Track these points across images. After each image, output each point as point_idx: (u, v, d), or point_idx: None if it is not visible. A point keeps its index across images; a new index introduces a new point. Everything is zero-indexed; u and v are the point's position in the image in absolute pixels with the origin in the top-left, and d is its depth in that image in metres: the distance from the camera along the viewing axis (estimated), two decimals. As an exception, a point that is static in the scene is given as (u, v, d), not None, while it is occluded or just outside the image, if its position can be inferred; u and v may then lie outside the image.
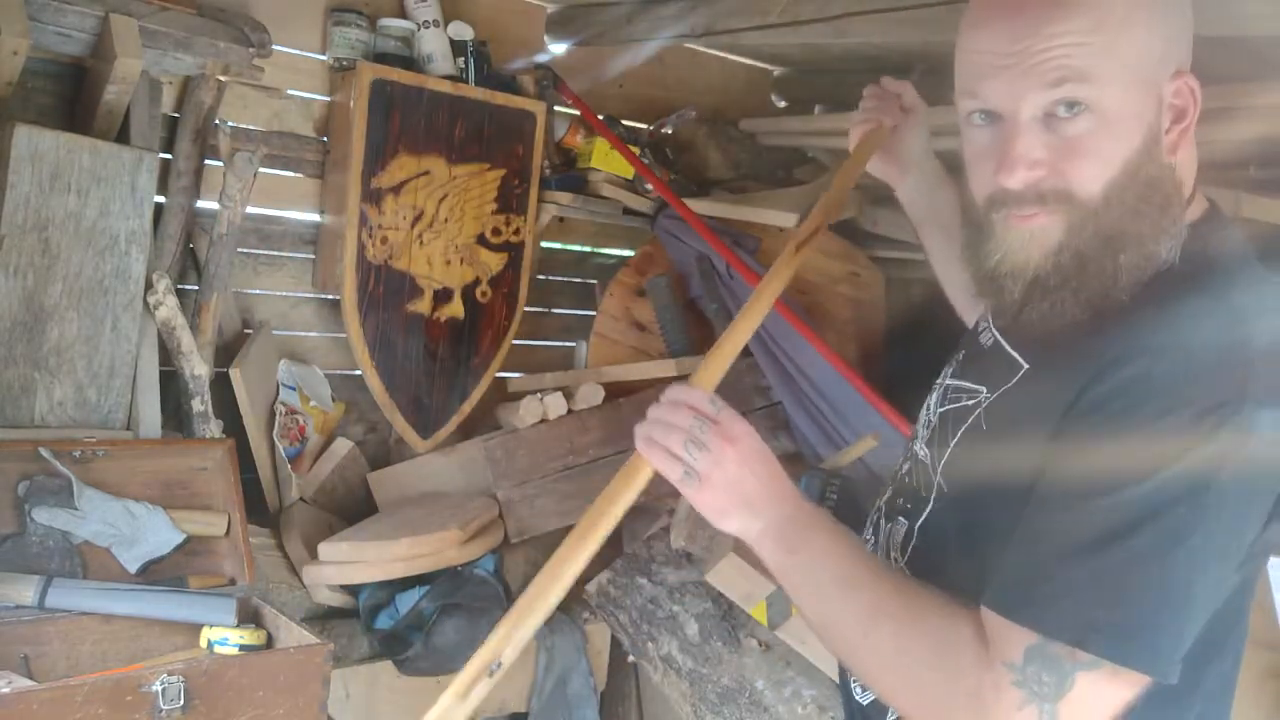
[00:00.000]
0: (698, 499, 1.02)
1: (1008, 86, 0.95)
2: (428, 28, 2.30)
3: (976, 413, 1.03)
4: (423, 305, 2.35)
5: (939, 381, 1.19)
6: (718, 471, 1.00)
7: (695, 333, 2.54)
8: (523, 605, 1.03)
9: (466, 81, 2.34)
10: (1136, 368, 0.88)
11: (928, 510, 1.08)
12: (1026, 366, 1.01)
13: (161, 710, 1.50)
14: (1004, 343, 1.06)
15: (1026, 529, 0.91)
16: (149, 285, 1.95)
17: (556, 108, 2.59)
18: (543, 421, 2.30)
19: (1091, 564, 0.85)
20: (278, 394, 2.22)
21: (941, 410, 1.12)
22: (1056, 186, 0.94)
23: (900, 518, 1.13)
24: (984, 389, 1.05)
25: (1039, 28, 0.92)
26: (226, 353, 2.15)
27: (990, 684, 0.87)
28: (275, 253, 2.30)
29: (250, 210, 2.11)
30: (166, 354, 2.01)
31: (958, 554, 1.02)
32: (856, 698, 1.17)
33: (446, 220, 2.35)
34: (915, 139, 1.43)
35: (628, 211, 2.64)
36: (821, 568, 1.00)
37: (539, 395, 2.30)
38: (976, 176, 1.01)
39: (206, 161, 2.11)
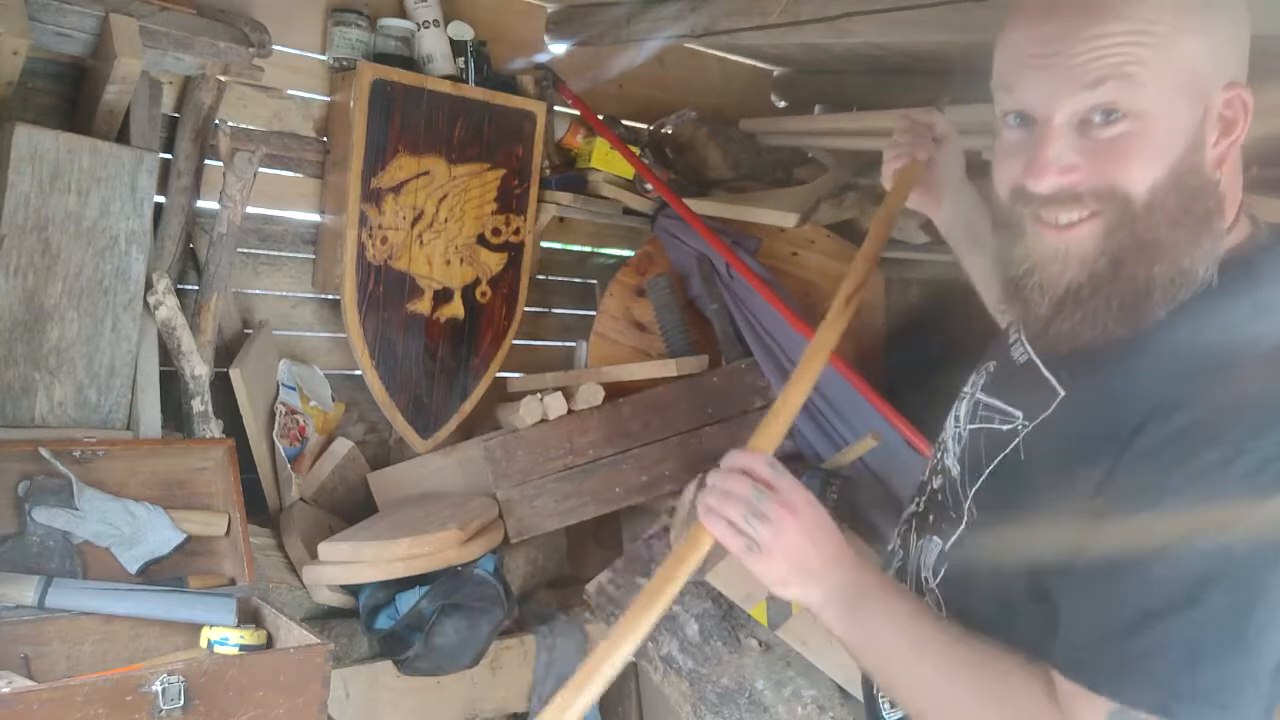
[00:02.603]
0: (758, 568, 1.02)
1: (1045, 85, 0.91)
2: (428, 28, 2.30)
3: (1014, 442, 1.00)
4: (423, 305, 2.35)
5: (967, 390, 1.15)
6: (779, 542, 1.00)
7: (695, 333, 2.54)
8: (582, 674, 1.02)
9: (466, 81, 2.34)
10: (1191, 412, 0.85)
11: (958, 533, 1.06)
12: (1064, 393, 0.98)
13: (161, 710, 1.50)
14: (1038, 361, 1.03)
15: (1091, 585, 0.89)
16: (149, 285, 1.95)
17: (556, 108, 2.59)
18: (543, 421, 2.30)
19: (1166, 626, 0.83)
20: (278, 394, 2.22)
21: (973, 427, 1.09)
22: (1096, 186, 0.91)
23: (932, 536, 1.10)
24: (1020, 414, 1.02)
25: (1084, 26, 0.89)
26: (226, 353, 2.15)
27: None
28: (275, 253, 2.30)
29: (250, 210, 2.11)
30: (166, 354, 2.01)
31: (988, 586, 1.01)
32: (884, 714, 1.16)
33: (446, 220, 2.35)
34: (950, 167, 1.39)
35: (628, 211, 2.64)
36: (887, 634, 1.00)
37: (539, 395, 2.30)
38: (1003, 170, 0.98)
39: (206, 161, 2.11)
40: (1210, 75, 0.91)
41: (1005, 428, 1.03)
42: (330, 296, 2.34)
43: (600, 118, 2.55)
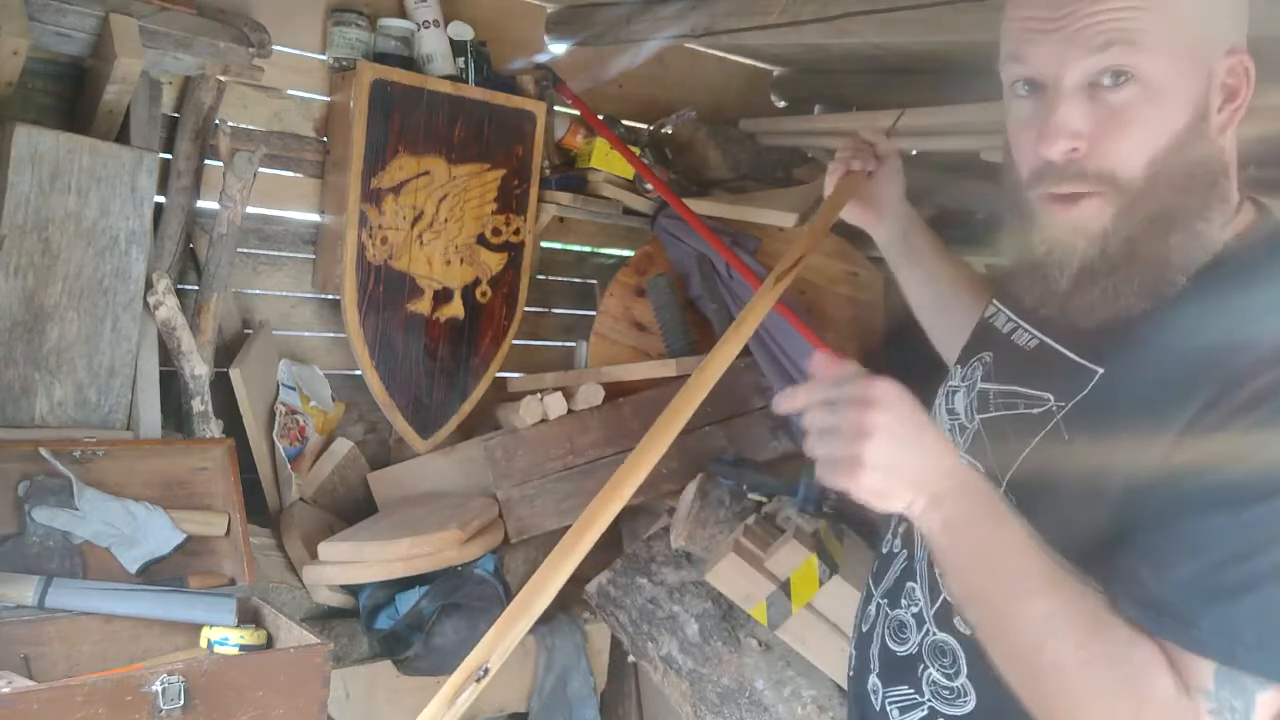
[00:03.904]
0: (851, 488, 0.91)
1: (1054, 50, 0.93)
2: (428, 28, 2.30)
3: (1053, 422, 0.98)
4: (423, 305, 2.35)
5: (955, 384, 1.15)
6: (868, 454, 0.89)
7: (695, 333, 2.54)
8: (509, 614, 1.03)
9: (466, 82, 2.34)
10: (1269, 375, 0.84)
11: None
12: (1101, 371, 0.97)
13: (161, 710, 1.50)
14: (1053, 343, 1.03)
15: (1177, 541, 0.86)
16: (149, 285, 1.95)
17: (556, 108, 2.59)
18: (543, 421, 2.30)
19: (1263, 581, 0.82)
20: (278, 394, 2.22)
21: (986, 416, 1.07)
22: (1100, 166, 0.93)
23: None
24: (1049, 395, 1.00)
25: None
26: (226, 353, 2.15)
27: (1190, 713, 0.84)
28: (275, 253, 2.31)
29: (250, 210, 2.12)
30: (166, 354, 2.02)
31: None
32: (869, 692, 1.15)
33: (446, 220, 2.35)
34: (889, 186, 1.47)
35: (628, 211, 2.64)
36: (990, 563, 0.90)
37: (539, 395, 2.30)
38: (1019, 149, 1.00)
39: (206, 161, 2.11)
40: (1211, 40, 0.93)
41: (1036, 410, 1.01)
42: (330, 296, 2.34)
43: (600, 118, 2.55)
